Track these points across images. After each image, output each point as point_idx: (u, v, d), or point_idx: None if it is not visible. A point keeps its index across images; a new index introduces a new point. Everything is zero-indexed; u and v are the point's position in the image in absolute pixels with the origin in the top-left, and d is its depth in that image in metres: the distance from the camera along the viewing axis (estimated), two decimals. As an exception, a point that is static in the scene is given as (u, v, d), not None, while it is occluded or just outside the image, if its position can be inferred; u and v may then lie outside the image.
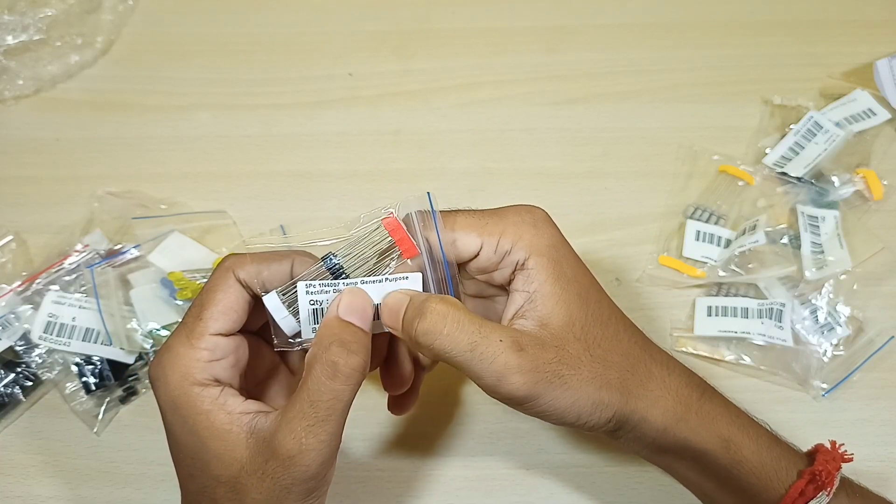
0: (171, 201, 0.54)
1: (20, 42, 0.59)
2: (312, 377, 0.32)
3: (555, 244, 0.35)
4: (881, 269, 0.51)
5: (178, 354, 0.33)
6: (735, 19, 0.64)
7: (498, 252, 0.35)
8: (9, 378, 0.47)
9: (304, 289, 0.34)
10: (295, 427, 0.31)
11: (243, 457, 0.32)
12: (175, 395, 0.33)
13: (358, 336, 0.33)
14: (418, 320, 0.32)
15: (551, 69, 0.62)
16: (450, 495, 0.44)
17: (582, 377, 0.33)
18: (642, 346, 0.36)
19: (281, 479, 0.31)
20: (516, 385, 0.32)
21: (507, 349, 0.32)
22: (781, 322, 0.47)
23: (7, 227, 0.52)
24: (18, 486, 0.45)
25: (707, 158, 0.55)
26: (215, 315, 0.34)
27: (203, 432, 0.32)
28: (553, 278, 0.34)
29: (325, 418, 0.31)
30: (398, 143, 0.58)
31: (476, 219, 0.35)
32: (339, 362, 0.31)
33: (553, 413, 0.33)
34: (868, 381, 0.47)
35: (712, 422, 0.35)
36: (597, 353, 0.34)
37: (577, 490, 0.44)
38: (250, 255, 0.35)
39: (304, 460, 0.31)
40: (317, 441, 0.31)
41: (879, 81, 0.57)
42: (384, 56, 0.63)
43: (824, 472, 0.34)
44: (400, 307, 0.33)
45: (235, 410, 0.33)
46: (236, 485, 0.32)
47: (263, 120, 0.60)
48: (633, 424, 0.35)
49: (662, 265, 0.51)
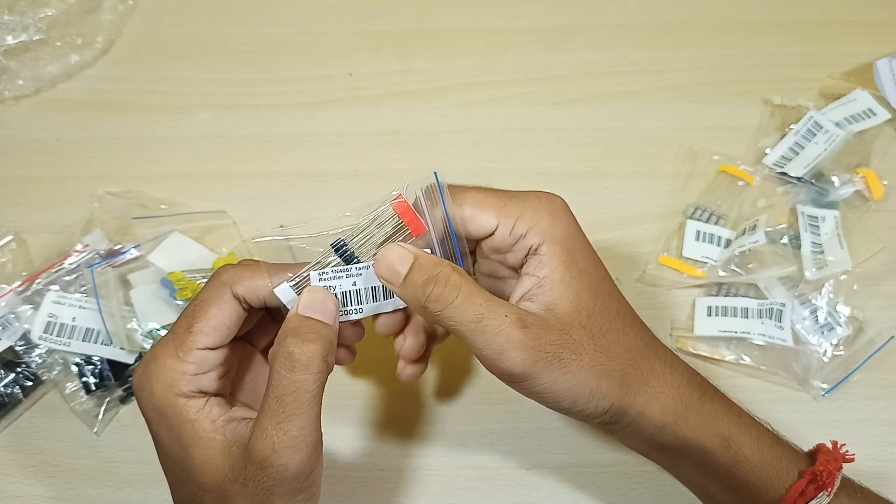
0: (171, 201, 0.54)
1: (20, 42, 0.59)
2: (274, 373, 0.32)
3: (570, 234, 0.35)
4: (881, 269, 0.51)
5: (165, 366, 0.33)
6: (735, 19, 0.64)
7: (513, 234, 0.35)
8: (9, 378, 0.47)
9: (317, 277, 0.34)
10: (265, 426, 0.31)
11: (225, 465, 0.32)
12: (161, 404, 0.33)
13: (314, 326, 0.33)
14: (433, 286, 0.32)
15: (551, 69, 0.62)
16: (450, 495, 0.44)
17: (583, 364, 0.33)
18: (648, 342, 0.36)
19: (262, 482, 0.31)
20: (516, 361, 0.32)
21: (511, 325, 0.32)
22: (781, 322, 0.47)
23: (7, 227, 0.52)
24: (18, 486, 0.45)
25: (707, 158, 0.55)
26: (206, 330, 0.34)
27: (187, 441, 0.33)
28: (564, 266, 0.34)
29: (292, 413, 0.31)
30: (398, 143, 0.58)
31: (496, 198, 0.35)
32: (294, 352, 0.31)
33: (549, 395, 0.33)
34: (868, 381, 0.47)
35: (713, 421, 0.35)
36: (601, 343, 0.34)
37: (577, 490, 0.44)
38: (249, 269, 0.35)
39: (280, 459, 0.31)
40: (288, 437, 0.31)
41: (879, 81, 0.57)
42: (384, 56, 0.63)
43: (825, 472, 0.34)
44: (402, 264, 0.33)
45: (219, 419, 0.33)
46: (221, 492, 0.32)
47: (263, 120, 0.60)
48: (630, 418, 0.35)
49: (662, 265, 0.51)
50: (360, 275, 0.35)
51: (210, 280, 0.35)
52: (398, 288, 0.33)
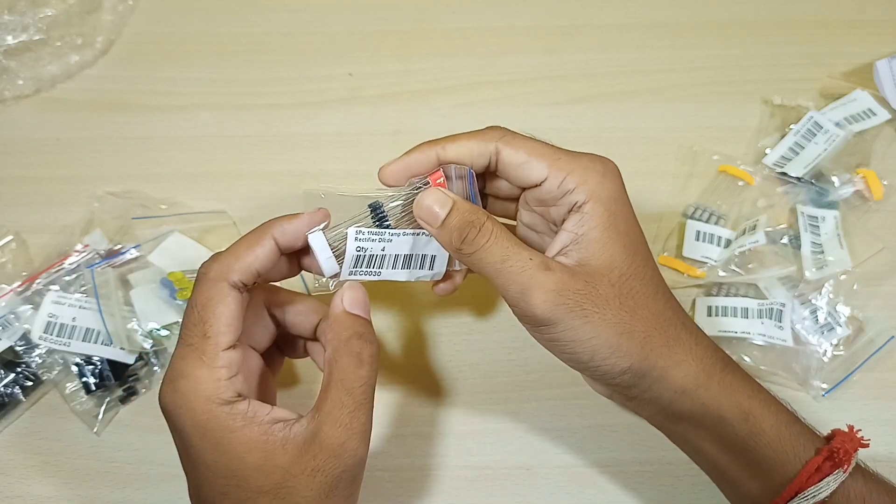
0: (171, 201, 0.54)
1: (20, 42, 0.59)
2: (341, 369, 0.34)
3: (616, 197, 0.36)
4: (881, 269, 0.51)
5: (198, 378, 0.33)
6: (735, 19, 0.64)
7: (561, 188, 0.36)
8: (9, 378, 0.47)
9: (353, 234, 0.36)
10: (338, 417, 0.33)
11: (285, 461, 0.33)
12: (203, 419, 0.33)
13: (367, 326, 0.36)
14: (468, 230, 0.34)
15: (551, 69, 0.62)
16: (450, 495, 0.44)
17: (605, 318, 0.34)
18: (676, 312, 0.36)
19: (333, 470, 0.33)
20: (537, 301, 0.33)
21: (535, 266, 0.34)
22: (781, 322, 0.47)
23: (7, 227, 0.52)
24: (18, 486, 0.45)
25: (707, 158, 0.55)
26: (222, 329, 0.34)
27: (239, 448, 0.33)
28: (603, 226, 0.35)
29: (361, 402, 0.34)
30: (398, 143, 0.58)
31: (550, 151, 0.36)
32: (361, 352, 0.35)
33: (568, 345, 0.34)
34: (868, 381, 0.47)
35: (733, 392, 0.35)
36: (627, 303, 0.34)
37: (577, 490, 0.44)
38: (231, 256, 0.35)
39: (353, 444, 0.33)
40: (359, 424, 0.34)
41: (879, 81, 0.57)
42: (384, 56, 0.63)
43: (842, 449, 0.34)
44: (441, 207, 0.35)
45: (266, 421, 0.33)
46: (280, 490, 0.33)
47: (263, 120, 0.60)
48: (650, 382, 0.35)
49: (662, 265, 0.51)
50: (390, 241, 0.37)
51: (199, 282, 0.35)
52: (436, 229, 0.35)
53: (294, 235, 0.36)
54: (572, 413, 0.46)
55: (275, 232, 0.36)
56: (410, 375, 0.48)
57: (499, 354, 0.49)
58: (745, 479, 0.35)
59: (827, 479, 0.33)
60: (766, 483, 0.35)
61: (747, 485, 0.35)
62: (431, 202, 0.35)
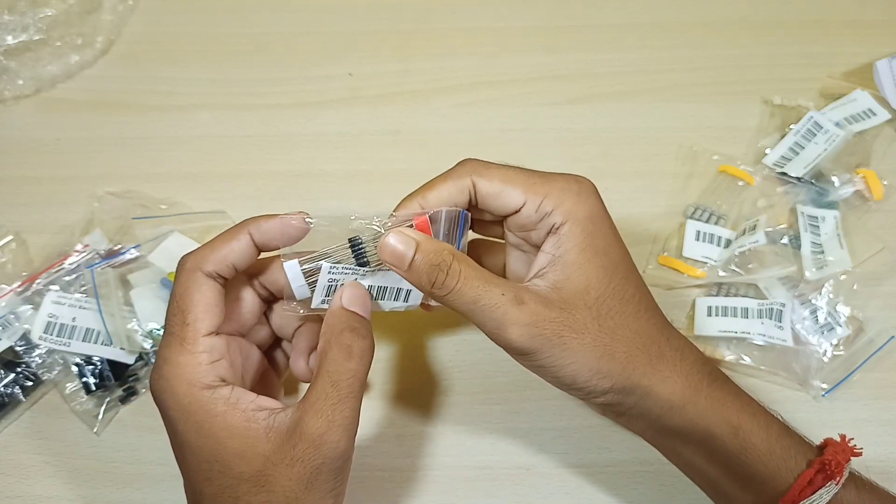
0: (171, 201, 0.54)
1: (20, 42, 0.59)
2: (330, 361, 0.34)
3: (593, 216, 0.36)
4: (881, 269, 0.51)
5: (179, 363, 0.34)
6: (735, 19, 0.64)
7: (539, 212, 0.36)
8: (9, 378, 0.47)
9: (327, 269, 0.36)
10: (321, 407, 0.33)
11: (266, 449, 0.33)
12: (185, 402, 0.33)
13: (363, 322, 0.36)
14: (436, 274, 0.34)
15: (551, 69, 0.62)
16: (450, 495, 0.44)
17: (584, 343, 0.34)
18: (660, 328, 0.36)
19: (312, 461, 0.33)
20: (514, 336, 0.34)
21: (508, 302, 0.34)
22: (781, 322, 0.47)
23: (7, 227, 0.52)
24: (18, 486, 0.45)
25: (707, 158, 0.55)
26: (200, 315, 0.35)
27: (221, 433, 0.33)
28: (580, 248, 0.35)
29: (346, 396, 0.34)
30: (398, 143, 0.58)
31: (525, 176, 0.37)
32: (352, 345, 0.35)
33: (549, 369, 0.34)
34: (868, 381, 0.47)
35: (722, 407, 0.35)
36: (607, 323, 0.34)
37: (578, 490, 0.44)
38: (207, 248, 0.36)
39: (334, 436, 0.33)
40: (342, 417, 0.33)
41: (879, 81, 0.57)
42: (384, 56, 0.63)
43: (833, 461, 0.34)
44: (406, 248, 0.34)
45: (249, 408, 0.34)
46: (261, 478, 0.33)
47: (263, 120, 0.60)
48: (635, 399, 0.35)
49: (662, 265, 0.51)
50: (364, 276, 0.37)
51: (178, 273, 0.36)
52: (404, 272, 0.35)
53: (270, 233, 0.36)
54: (572, 413, 0.46)
55: (251, 228, 0.36)
56: (411, 375, 0.48)
57: (499, 354, 0.48)
58: (737, 492, 0.36)
59: (819, 491, 0.33)
60: (759, 497, 0.35)
61: (740, 498, 0.36)
62: (395, 243, 0.35)
